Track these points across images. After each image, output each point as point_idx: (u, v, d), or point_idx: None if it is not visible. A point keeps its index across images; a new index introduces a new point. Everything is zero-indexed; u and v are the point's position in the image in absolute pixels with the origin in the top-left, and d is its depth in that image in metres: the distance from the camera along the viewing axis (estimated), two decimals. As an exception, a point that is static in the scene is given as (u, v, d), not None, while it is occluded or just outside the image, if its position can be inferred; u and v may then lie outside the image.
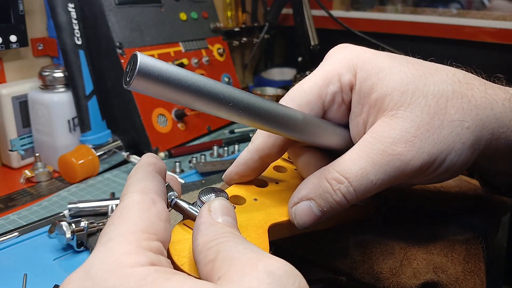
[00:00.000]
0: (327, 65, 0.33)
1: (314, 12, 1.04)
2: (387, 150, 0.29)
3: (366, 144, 0.30)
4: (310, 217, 0.30)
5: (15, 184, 0.64)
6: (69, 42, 0.65)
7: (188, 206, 0.28)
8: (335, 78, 0.32)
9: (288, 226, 0.32)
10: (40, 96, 0.66)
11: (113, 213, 0.24)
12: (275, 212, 0.32)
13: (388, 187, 0.30)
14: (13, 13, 0.64)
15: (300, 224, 0.31)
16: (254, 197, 0.33)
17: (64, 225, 0.46)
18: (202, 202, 0.28)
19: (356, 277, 0.35)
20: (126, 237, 0.22)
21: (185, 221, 0.29)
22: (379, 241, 0.34)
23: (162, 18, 0.80)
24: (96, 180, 0.64)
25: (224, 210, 0.25)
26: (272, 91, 0.98)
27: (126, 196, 0.25)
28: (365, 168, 0.29)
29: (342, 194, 0.29)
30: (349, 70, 0.32)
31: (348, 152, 0.30)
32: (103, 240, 0.22)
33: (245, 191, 0.34)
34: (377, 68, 0.31)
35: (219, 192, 0.29)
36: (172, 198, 0.29)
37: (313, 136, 0.31)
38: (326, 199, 0.30)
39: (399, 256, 0.33)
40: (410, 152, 0.29)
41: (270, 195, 0.34)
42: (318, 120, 0.31)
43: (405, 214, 0.40)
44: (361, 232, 0.35)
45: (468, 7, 1.11)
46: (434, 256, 0.33)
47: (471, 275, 0.34)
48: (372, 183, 0.29)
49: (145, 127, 0.71)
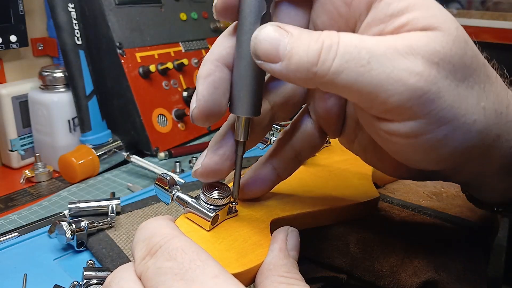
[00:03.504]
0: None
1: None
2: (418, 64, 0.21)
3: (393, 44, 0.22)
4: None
5: (15, 184, 0.64)
6: (69, 42, 0.65)
7: (190, 200, 0.29)
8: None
9: (291, 221, 0.32)
10: (40, 96, 0.66)
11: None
12: (277, 207, 0.32)
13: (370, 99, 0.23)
14: (13, 13, 0.64)
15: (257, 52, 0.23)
16: None
17: (64, 225, 0.46)
18: (205, 196, 0.28)
19: (357, 275, 0.35)
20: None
21: (187, 215, 0.29)
22: (379, 239, 0.34)
23: (162, 18, 0.80)
24: (96, 180, 0.64)
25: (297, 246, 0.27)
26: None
27: None
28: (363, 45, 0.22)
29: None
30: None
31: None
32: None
33: None
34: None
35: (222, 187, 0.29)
36: (175, 191, 0.29)
37: None
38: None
39: (399, 254, 0.33)
40: (436, 74, 0.22)
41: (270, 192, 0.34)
42: None
43: (406, 214, 0.40)
44: (361, 230, 0.35)
45: (468, 7, 1.11)
46: (434, 255, 0.33)
47: (472, 274, 0.34)
48: (347, 68, 0.22)
49: (145, 127, 0.71)
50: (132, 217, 0.51)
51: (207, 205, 0.28)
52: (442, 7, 0.24)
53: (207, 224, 0.28)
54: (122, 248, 0.45)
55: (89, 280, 0.38)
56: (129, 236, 0.47)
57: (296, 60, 0.22)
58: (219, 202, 0.28)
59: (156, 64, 0.74)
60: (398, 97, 0.22)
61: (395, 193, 0.44)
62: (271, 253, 0.27)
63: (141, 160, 0.66)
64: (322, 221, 0.35)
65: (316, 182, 0.37)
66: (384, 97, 0.22)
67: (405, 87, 0.21)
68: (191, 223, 0.28)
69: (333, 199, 0.35)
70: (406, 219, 0.39)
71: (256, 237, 0.29)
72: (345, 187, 0.38)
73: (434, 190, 0.45)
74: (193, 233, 0.28)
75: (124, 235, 0.48)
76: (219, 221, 0.29)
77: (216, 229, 0.28)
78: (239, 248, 0.27)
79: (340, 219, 0.36)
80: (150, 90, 0.74)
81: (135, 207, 0.53)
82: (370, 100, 0.23)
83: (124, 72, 0.70)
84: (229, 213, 0.30)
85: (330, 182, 0.38)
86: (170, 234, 0.24)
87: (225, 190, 0.29)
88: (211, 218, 0.28)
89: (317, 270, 0.37)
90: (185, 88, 0.80)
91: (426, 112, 0.22)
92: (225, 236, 0.28)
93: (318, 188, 0.36)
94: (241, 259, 0.26)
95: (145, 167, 0.65)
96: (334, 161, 0.42)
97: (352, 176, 0.40)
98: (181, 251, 0.23)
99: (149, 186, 0.61)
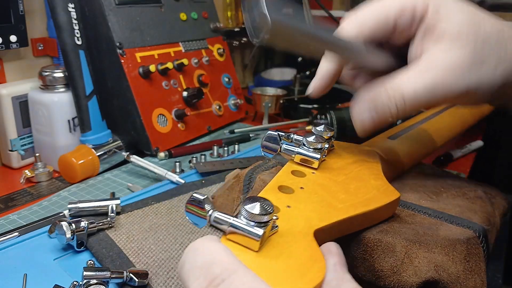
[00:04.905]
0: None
1: (314, 12, 1.04)
2: (438, 77, 0.36)
3: (421, 69, 0.37)
4: (371, 123, 0.38)
5: (15, 184, 0.64)
6: (69, 42, 0.65)
7: (232, 219, 0.26)
8: (411, 7, 0.38)
9: (329, 230, 0.31)
10: (40, 96, 0.66)
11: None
12: (314, 217, 0.31)
13: (432, 104, 0.38)
14: (13, 13, 0.64)
15: (358, 125, 0.38)
16: (287, 205, 0.32)
17: (64, 225, 0.46)
18: (247, 212, 0.26)
19: (357, 275, 0.35)
20: None
21: (228, 236, 0.26)
22: (380, 239, 0.34)
23: (162, 18, 0.80)
24: (96, 180, 0.64)
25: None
26: (272, 91, 0.97)
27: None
28: (418, 90, 0.36)
29: (395, 102, 0.36)
30: (424, 3, 0.38)
31: (406, 71, 0.37)
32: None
33: (275, 199, 0.32)
34: (445, 7, 0.37)
35: (263, 201, 0.26)
36: (210, 211, 0.27)
37: (368, 58, 0.39)
38: (382, 103, 0.37)
39: (400, 254, 0.33)
40: (455, 80, 0.36)
41: (301, 201, 0.33)
42: (373, 48, 0.39)
43: (406, 214, 0.40)
44: (361, 230, 0.35)
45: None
46: (435, 255, 0.33)
47: (472, 274, 0.34)
48: (419, 102, 0.36)
49: (145, 127, 0.71)
50: (132, 217, 0.51)
51: (251, 223, 0.26)
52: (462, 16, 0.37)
53: (256, 245, 0.25)
54: (122, 248, 0.45)
55: (89, 280, 0.38)
56: (129, 236, 0.47)
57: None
58: (264, 218, 0.26)
59: (156, 64, 0.74)
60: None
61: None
62: (330, 268, 0.26)
63: (141, 160, 0.66)
64: (355, 227, 0.35)
65: (338, 187, 0.36)
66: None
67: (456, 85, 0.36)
68: (235, 245, 0.26)
69: (361, 203, 0.35)
70: (406, 218, 0.39)
71: (308, 251, 0.27)
72: (367, 189, 0.37)
73: (434, 190, 0.45)
74: (243, 256, 0.25)
75: (124, 235, 0.48)
76: (264, 240, 0.27)
77: (264, 249, 0.26)
78: (296, 265, 0.25)
79: (369, 223, 0.36)
80: (150, 90, 0.74)
81: (135, 207, 0.53)
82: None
83: (124, 72, 0.70)
84: (271, 229, 0.27)
85: (350, 186, 0.37)
86: (232, 265, 0.22)
87: (268, 205, 0.26)
88: (261, 237, 0.25)
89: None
90: (185, 88, 0.80)
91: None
92: (277, 255, 0.26)
93: (342, 193, 0.35)
94: (304, 277, 0.25)
95: (145, 167, 0.65)
96: (346, 163, 0.41)
97: (368, 177, 0.39)
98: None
99: (149, 186, 0.61)
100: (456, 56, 0.36)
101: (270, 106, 0.92)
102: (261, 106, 0.92)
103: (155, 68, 0.73)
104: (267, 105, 0.91)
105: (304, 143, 0.38)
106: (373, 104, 0.37)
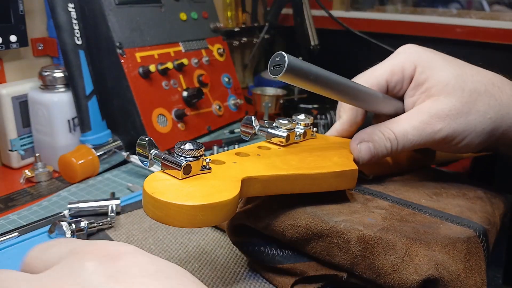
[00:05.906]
0: (396, 59, 0.44)
1: (314, 12, 1.04)
2: (425, 120, 0.41)
3: (412, 114, 0.42)
4: (368, 153, 0.42)
5: (15, 184, 0.64)
6: (69, 42, 0.65)
7: (165, 154, 0.32)
8: (400, 70, 0.44)
9: (265, 182, 0.33)
10: (40, 96, 0.66)
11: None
12: (251, 171, 0.33)
13: (423, 145, 0.42)
14: (13, 13, 0.64)
15: (362, 158, 0.42)
16: (234, 161, 0.35)
17: (64, 225, 0.46)
18: (178, 148, 0.31)
19: (357, 273, 0.35)
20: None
21: (166, 170, 0.32)
22: (380, 237, 0.34)
23: (162, 18, 0.80)
24: (96, 180, 0.64)
25: None
26: (272, 91, 0.97)
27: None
28: (407, 129, 0.41)
29: (390, 142, 0.41)
30: (411, 65, 0.43)
31: (399, 117, 0.43)
32: None
33: (226, 158, 0.36)
34: (431, 66, 0.42)
35: (196, 143, 0.32)
36: (152, 151, 0.33)
37: (381, 107, 0.44)
38: (379, 143, 0.42)
39: (400, 252, 0.33)
40: (440, 125, 0.40)
41: (249, 160, 0.36)
42: (389, 98, 0.44)
43: (406, 212, 0.40)
44: (362, 228, 0.35)
45: (468, 7, 1.10)
46: (435, 253, 0.33)
47: (472, 273, 0.34)
48: (409, 141, 0.41)
49: (145, 127, 0.71)
50: (132, 217, 0.51)
51: (179, 156, 0.31)
52: (448, 68, 0.42)
53: (179, 173, 0.31)
54: (122, 248, 0.45)
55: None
56: (129, 236, 0.47)
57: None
58: (190, 153, 0.31)
59: (156, 64, 0.74)
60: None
61: (395, 191, 0.44)
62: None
63: (141, 160, 0.66)
64: (299, 187, 0.36)
65: (294, 157, 0.39)
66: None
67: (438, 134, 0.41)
68: (165, 175, 0.31)
69: (307, 168, 0.37)
70: (406, 217, 0.39)
71: (225, 186, 0.31)
72: (323, 162, 0.39)
73: (434, 190, 0.45)
74: (166, 181, 0.30)
75: (124, 235, 0.48)
76: (192, 174, 0.31)
77: (188, 179, 0.31)
78: (206, 191, 0.30)
79: (318, 189, 0.37)
80: (150, 90, 0.74)
81: (135, 207, 0.53)
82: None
83: (124, 72, 0.70)
84: (202, 169, 0.32)
85: (308, 158, 0.39)
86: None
87: (198, 145, 0.32)
88: (182, 167, 0.30)
89: (318, 268, 0.37)
90: (185, 88, 0.80)
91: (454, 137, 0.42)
92: (195, 184, 0.30)
93: (296, 161, 0.38)
94: (207, 197, 0.29)
95: (145, 167, 0.65)
96: (319, 147, 0.43)
97: (333, 155, 0.41)
98: None
99: (149, 186, 0.61)
100: (444, 104, 0.40)
101: (270, 106, 0.92)
102: (261, 106, 0.92)
103: (155, 68, 0.73)
104: (267, 105, 0.91)
105: (277, 125, 0.41)
106: (371, 137, 0.42)
